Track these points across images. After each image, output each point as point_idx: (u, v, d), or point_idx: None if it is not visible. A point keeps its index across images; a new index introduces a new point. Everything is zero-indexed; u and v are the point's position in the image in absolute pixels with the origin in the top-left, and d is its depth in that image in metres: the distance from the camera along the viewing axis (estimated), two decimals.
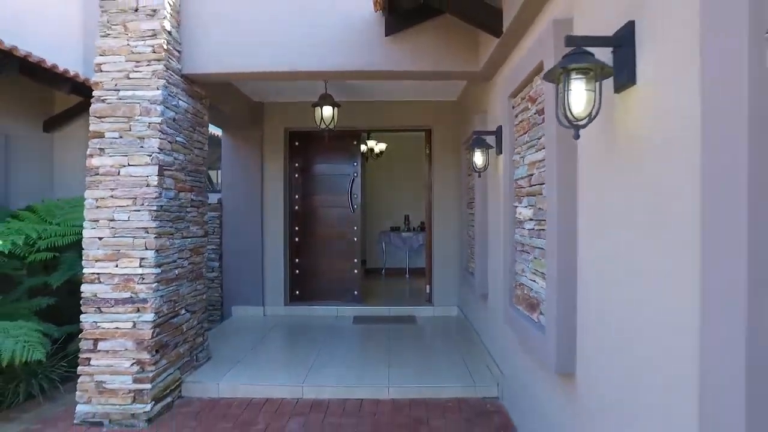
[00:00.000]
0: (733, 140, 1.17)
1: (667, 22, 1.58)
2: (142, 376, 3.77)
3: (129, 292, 3.81)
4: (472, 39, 4.16)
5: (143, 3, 4.01)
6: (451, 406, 4.00)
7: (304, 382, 4.30)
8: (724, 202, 1.20)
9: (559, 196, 2.41)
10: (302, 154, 7.29)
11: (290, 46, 4.24)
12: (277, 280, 6.92)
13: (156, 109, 3.93)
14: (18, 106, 6.18)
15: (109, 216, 3.86)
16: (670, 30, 1.56)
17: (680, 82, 1.49)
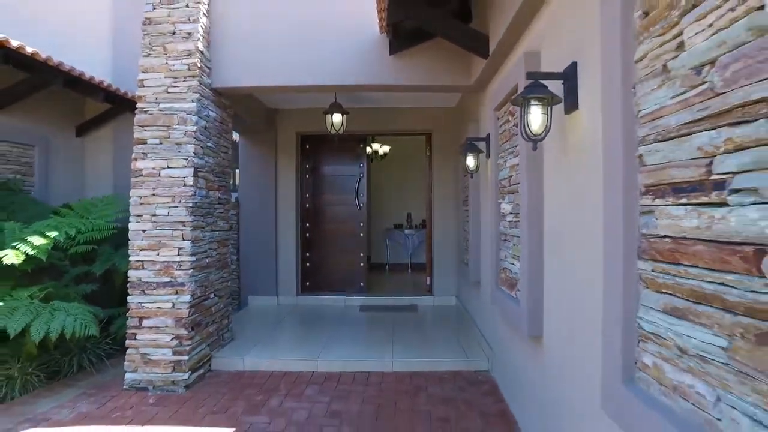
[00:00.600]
0: (615, 151, 1.77)
1: (592, 66, 2.18)
2: (180, 349, 4.39)
3: (169, 277, 4.43)
4: (466, 57, 4.76)
5: (180, 27, 4.63)
6: (446, 377, 4.60)
7: (318, 358, 4.90)
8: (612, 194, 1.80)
9: (529, 192, 3.01)
10: (312, 156, 7.90)
11: (305, 64, 4.85)
12: (289, 272, 7.54)
13: (191, 119, 4.55)
14: (55, 113, 6.81)
15: (151, 211, 4.48)
16: (592, 71, 2.16)
17: (595, 110, 2.09)
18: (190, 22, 4.64)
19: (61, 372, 4.57)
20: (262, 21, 4.92)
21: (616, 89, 1.76)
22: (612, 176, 1.81)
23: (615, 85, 1.77)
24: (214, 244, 5.03)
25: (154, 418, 3.79)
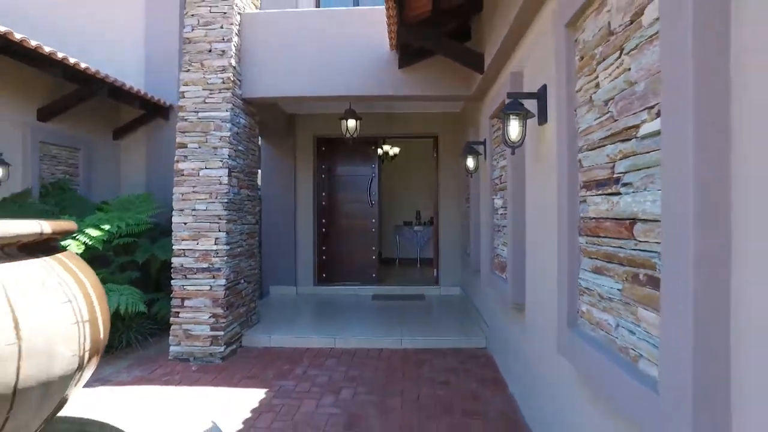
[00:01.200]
0: (563, 156, 2.39)
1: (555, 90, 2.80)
2: (216, 326, 5.06)
3: (207, 263, 5.10)
4: (466, 70, 5.38)
5: (215, 46, 5.30)
6: (449, 353, 5.23)
7: (336, 337, 5.55)
8: (562, 188, 2.43)
9: (513, 189, 3.64)
10: (328, 157, 8.57)
11: (324, 77, 5.50)
12: (307, 264, 8.21)
13: (225, 125, 5.22)
14: (96, 119, 7.54)
15: (192, 206, 5.16)
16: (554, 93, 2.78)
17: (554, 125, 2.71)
18: (224, 41, 5.31)
19: (112, 347, 5.27)
20: (286, 39, 5.58)
21: (564, 111, 2.39)
22: (562, 175, 2.44)
23: (563, 108, 2.40)
24: (244, 235, 5.70)
25: (198, 381, 4.46)
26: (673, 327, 1.41)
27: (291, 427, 3.51)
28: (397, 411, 3.78)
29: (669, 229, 1.45)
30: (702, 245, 1.31)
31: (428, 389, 4.22)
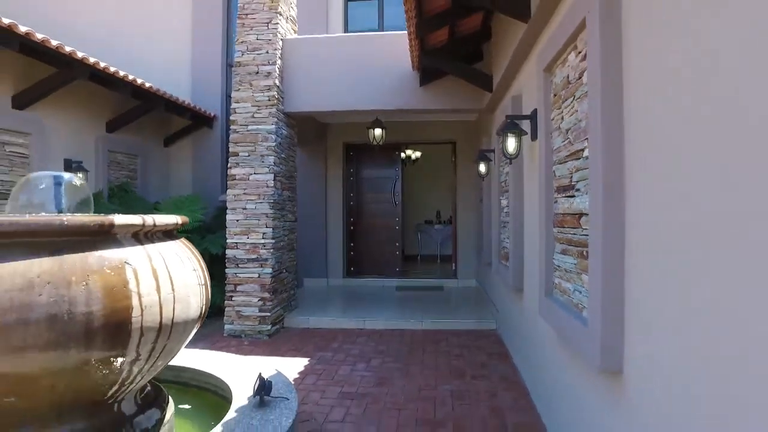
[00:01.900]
0: (543, 167, 3.17)
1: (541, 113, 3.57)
2: (264, 308, 5.94)
3: (256, 255, 5.99)
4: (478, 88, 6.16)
5: (262, 68, 6.19)
6: (463, 333, 6.02)
7: (365, 319, 6.38)
8: (543, 192, 3.20)
9: (514, 191, 4.42)
10: (356, 161, 9.41)
11: (355, 93, 6.34)
12: (336, 259, 9.06)
13: (271, 137, 6.10)
14: (151, 128, 8.51)
15: (243, 206, 6.05)
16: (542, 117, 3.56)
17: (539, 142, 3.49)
18: (269, 64, 6.19)
19: None
20: (321, 61, 6.44)
21: (543, 133, 3.17)
22: (542, 181, 3.22)
23: (542, 131, 3.18)
24: (286, 231, 6.58)
25: (252, 352, 5.34)
26: (593, 283, 2.20)
27: (332, 384, 4.35)
28: (417, 375, 4.59)
29: (592, 219, 2.23)
30: (606, 227, 2.09)
31: (444, 360, 5.02)
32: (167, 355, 2.58)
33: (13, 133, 5.73)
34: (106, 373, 2.23)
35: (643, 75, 1.86)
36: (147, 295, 2.26)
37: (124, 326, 2.17)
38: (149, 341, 2.32)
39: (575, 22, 2.43)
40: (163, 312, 2.34)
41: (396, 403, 3.93)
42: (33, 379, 2.06)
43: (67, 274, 2.07)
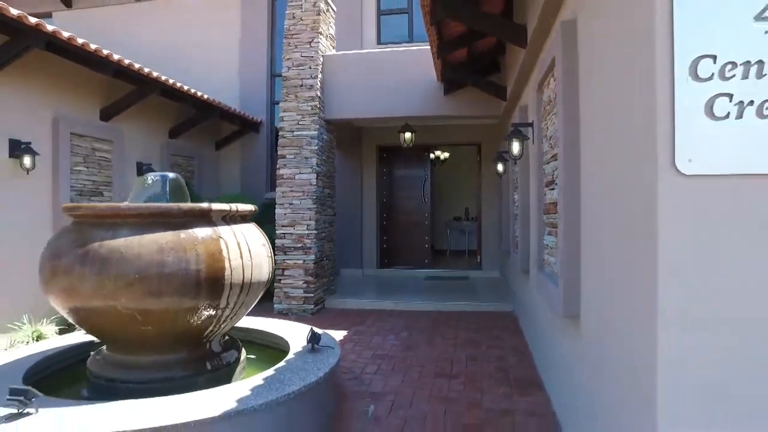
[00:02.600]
0: (536, 166, 3.94)
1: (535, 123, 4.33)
2: (308, 290, 6.85)
3: (301, 244, 6.90)
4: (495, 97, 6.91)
5: (305, 81, 7.10)
6: (483, 314, 6.79)
7: (396, 301, 7.22)
8: (536, 185, 3.97)
9: (521, 187, 5.18)
10: (388, 162, 10.26)
11: (386, 101, 7.19)
12: (371, 251, 9.93)
13: (314, 141, 7.00)
14: (204, 134, 9.56)
15: (289, 201, 6.98)
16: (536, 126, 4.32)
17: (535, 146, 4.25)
18: (311, 78, 7.10)
19: None
20: (357, 73, 7.31)
21: (537, 138, 3.95)
22: (536, 177, 3.99)
23: (536, 137, 3.96)
24: (326, 224, 7.48)
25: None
26: (560, 253, 2.98)
27: (367, 349, 5.22)
28: (439, 344, 5.40)
29: (559, 206, 3.01)
30: (566, 213, 2.87)
31: (464, 333, 5.82)
32: (245, 307, 3.49)
33: (100, 141, 6.82)
34: (205, 316, 3.14)
35: (585, 104, 2.64)
36: (234, 260, 3.16)
37: (219, 282, 3.07)
38: (234, 294, 3.22)
39: (551, 56, 3.21)
40: (244, 273, 3.24)
41: (419, 363, 4.76)
42: (162, 315, 2.98)
43: (183, 243, 2.99)
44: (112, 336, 3.22)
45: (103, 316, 2.99)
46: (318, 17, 7.18)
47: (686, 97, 1.63)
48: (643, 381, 1.79)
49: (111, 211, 3.10)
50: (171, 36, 10.52)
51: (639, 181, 1.81)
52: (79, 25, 10.08)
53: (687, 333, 1.64)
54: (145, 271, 2.86)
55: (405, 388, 4.11)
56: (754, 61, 1.59)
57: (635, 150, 1.85)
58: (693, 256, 1.64)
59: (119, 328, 3.06)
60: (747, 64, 1.59)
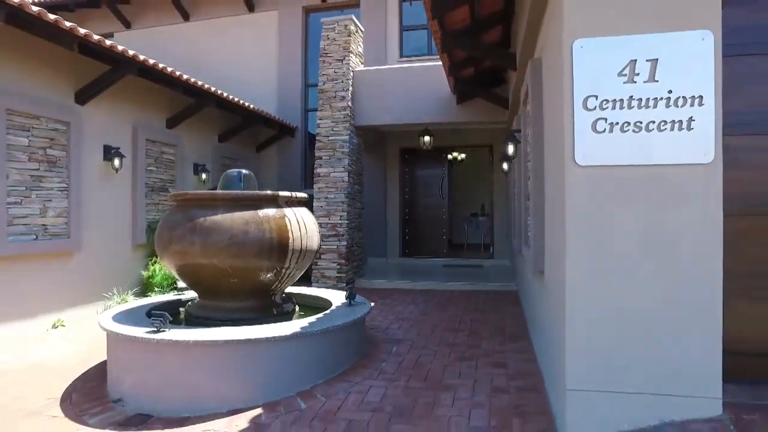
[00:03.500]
0: (521, 166, 5.07)
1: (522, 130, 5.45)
2: (341, 271, 8.05)
3: (334, 232, 8.11)
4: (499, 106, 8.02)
5: (339, 93, 8.32)
6: (490, 292, 7.90)
7: (416, 282, 8.37)
8: (522, 180, 5.09)
9: (515, 180, 6.29)
10: (409, 162, 11.43)
11: (408, 110, 8.36)
12: (394, 242, 11.10)
13: (345, 144, 8.21)
14: (248, 138, 10.86)
15: (325, 196, 8.20)
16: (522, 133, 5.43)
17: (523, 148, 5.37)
18: (343, 90, 8.32)
19: None
20: (382, 86, 8.50)
21: (523, 142, 5.07)
22: (522, 173, 5.12)
23: (523, 141, 5.08)
24: (356, 215, 8.69)
25: None
26: (531, 226, 4.10)
27: (390, 314, 6.39)
28: (450, 311, 6.54)
29: (531, 193, 4.14)
30: (534, 196, 4.00)
31: (472, 305, 6.95)
32: (300, 270, 4.70)
33: (167, 145, 8.15)
34: (274, 273, 4.35)
35: (546, 118, 3.77)
36: (295, 232, 4.37)
37: (285, 248, 4.28)
38: (295, 258, 4.43)
39: (527, 84, 4.34)
40: (302, 242, 4.44)
41: (432, 323, 5.92)
42: (245, 271, 4.21)
43: (260, 219, 4.21)
44: (208, 286, 4.46)
45: (205, 271, 4.23)
46: (349, 38, 8.40)
47: (580, 120, 2.76)
48: (560, 306, 2.93)
49: (210, 196, 4.35)
50: (216, 52, 11.88)
51: (560, 170, 2.94)
52: (137, 43, 11.48)
53: (579, 266, 2.77)
54: (235, 238, 4.09)
55: (420, 338, 5.28)
56: (617, 99, 2.71)
57: (559, 152, 2.99)
58: (585, 216, 2.77)
59: (214, 280, 4.30)
60: (614, 101, 2.72)
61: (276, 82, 11.74)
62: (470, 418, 3.30)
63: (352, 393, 3.78)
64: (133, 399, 3.76)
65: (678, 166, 2.66)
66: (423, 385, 3.93)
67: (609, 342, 2.74)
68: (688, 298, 2.66)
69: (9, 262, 5.51)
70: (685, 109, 2.64)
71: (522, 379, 3.99)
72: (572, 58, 2.78)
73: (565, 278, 2.82)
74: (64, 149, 6.22)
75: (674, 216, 2.67)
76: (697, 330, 2.65)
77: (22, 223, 5.66)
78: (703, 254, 2.65)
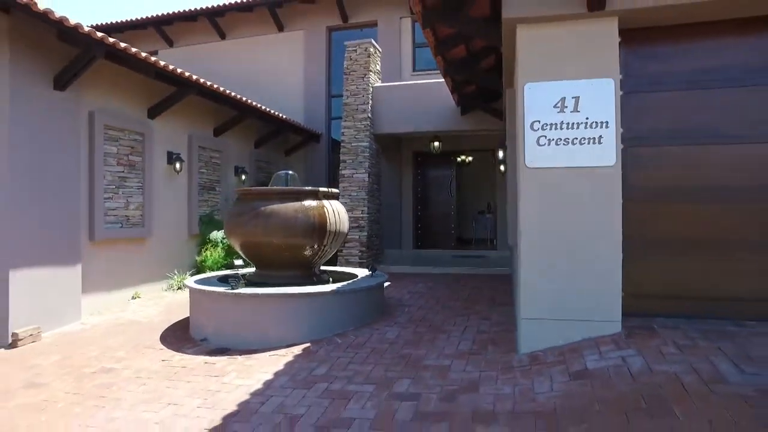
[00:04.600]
0: (512, 167, 6.43)
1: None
2: (362, 257, 9.46)
3: (357, 224, 9.52)
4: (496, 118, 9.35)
5: (360, 106, 9.74)
6: (489, 275, 9.24)
7: (427, 267, 9.74)
8: (513, 179, 6.44)
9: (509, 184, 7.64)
10: (421, 164, 12.81)
11: (418, 119, 9.74)
12: (408, 235, 12.48)
13: (366, 150, 9.63)
14: (278, 144, 12.33)
15: (349, 194, 9.61)
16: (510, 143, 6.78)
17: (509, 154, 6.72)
18: (364, 104, 9.74)
19: None
20: (396, 99, 9.90)
21: (510, 148, 6.44)
22: (511, 174, 6.47)
23: (509, 147, 6.45)
24: (375, 210, 10.09)
25: None
26: (509, 212, 5.46)
27: (404, 289, 7.78)
28: (453, 288, 7.91)
29: (509, 187, 5.50)
30: (510, 188, 5.35)
31: (471, 284, 8.31)
32: (333, 248, 6.11)
33: (213, 151, 9.64)
34: (314, 250, 5.77)
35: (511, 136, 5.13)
36: (331, 218, 5.79)
37: (324, 230, 5.70)
38: (330, 238, 5.84)
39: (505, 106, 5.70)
40: (336, 226, 5.86)
41: (437, 295, 7.29)
42: (294, 248, 5.64)
43: (306, 208, 5.64)
44: (266, 259, 5.89)
45: (264, 248, 5.66)
46: (368, 58, 9.82)
47: (528, 137, 4.13)
48: (519, 263, 4.28)
49: (268, 191, 5.80)
50: (249, 67, 13.37)
51: (518, 170, 4.31)
52: (178, 60, 13.02)
53: (529, 234, 4.13)
54: (287, 222, 5.51)
55: (427, 304, 6.67)
56: (553, 123, 4.07)
57: (519, 157, 4.35)
58: (532, 202, 4.13)
59: (271, 255, 5.73)
60: (551, 124, 4.08)
61: (303, 93, 13.19)
62: (458, 346, 4.69)
63: (374, 333, 5.19)
64: (215, 338, 5.21)
65: (592, 168, 4.02)
66: (426, 329, 5.33)
67: (548, 285, 4.10)
68: (599, 254, 4.01)
69: (104, 245, 7.00)
70: (597, 130, 4.00)
71: (500, 326, 5.35)
72: (524, 95, 4.15)
73: (520, 243, 4.19)
74: (140, 155, 7.71)
75: (589, 198, 4.02)
76: (605, 278, 4.00)
77: (112, 215, 7.16)
78: (608, 225, 4.00)
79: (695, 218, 4.12)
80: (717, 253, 4.08)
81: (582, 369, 3.60)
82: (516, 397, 3.41)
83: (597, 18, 3.99)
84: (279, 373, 4.26)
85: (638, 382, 3.23)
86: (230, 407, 3.66)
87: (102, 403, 3.88)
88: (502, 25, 4.29)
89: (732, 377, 3.09)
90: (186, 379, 4.31)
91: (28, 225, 5.69)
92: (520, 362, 4.04)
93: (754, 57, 4.02)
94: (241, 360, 4.70)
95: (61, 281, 6.15)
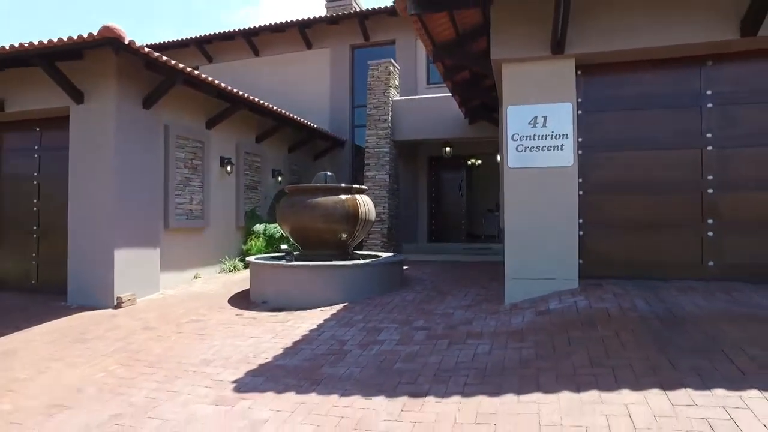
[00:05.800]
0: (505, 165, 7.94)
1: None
2: (383, 247, 10.98)
3: (379, 218, 11.04)
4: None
5: (381, 116, 11.29)
6: (492, 262, 10.69)
7: (439, 256, 11.24)
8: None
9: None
10: (435, 167, 14.32)
11: (431, 128, 11.25)
12: (423, 230, 13.98)
13: (387, 155, 11.17)
14: (307, 150, 13.93)
15: (372, 192, 11.14)
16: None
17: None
18: (385, 114, 11.29)
19: None
20: (413, 110, 11.43)
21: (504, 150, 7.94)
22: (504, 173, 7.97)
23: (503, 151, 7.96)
24: (394, 207, 11.63)
25: None
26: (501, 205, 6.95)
27: (418, 271, 9.29)
28: (461, 270, 9.40)
29: (500, 186, 6.99)
30: (501, 188, 6.85)
31: (476, 268, 9.79)
32: (363, 233, 7.69)
33: (255, 156, 11.26)
34: (348, 234, 7.34)
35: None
36: (361, 208, 7.37)
37: (356, 218, 7.28)
38: (361, 225, 7.41)
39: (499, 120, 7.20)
40: (366, 215, 7.43)
41: (446, 276, 8.80)
42: (333, 232, 7.23)
43: (342, 200, 7.24)
44: (310, 242, 7.44)
45: (310, 232, 7.23)
46: (389, 75, 11.37)
47: (510, 146, 5.63)
48: (505, 239, 5.78)
49: (313, 187, 7.36)
50: (281, 80, 15.01)
51: (504, 170, 5.81)
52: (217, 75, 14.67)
53: (511, 217, 5.63)
54: (327, 211, 7.07)
55: (438, 280, 8.18)
56: (528, 135, 5.57)
57: (504, 161, 5.84)
58: (513, 194, 5.63)
59: (315, 238, 7.29)
60: (526, 136, 5.57)
61: (329, 103, 14.79)
62: (461, 302, 6.21)
63: (396, 297, 6.73)
64: (274, 300, 6.78)
65: (556, 167, 5.51)
66: (437, 294, 6.85)
67: (526, 254, 5.59)
68: (562, 231, 5.49)
69: (174, 233, 8.62)
70: (560, 140, 5.48)
71: (494, 291, 6.86)
72: (507, 114, 5.66)
73: (506, 225, 5.68)
74: (201, 159, 9.34)
75: (553, 189, 5.51)
76: (566, 248, 5.48)
77: (180, 208, 8.78)
78: (569, 210, 5.48)
79: (634, 205, 5.59)
80: (651, 231, 5.54)
81: (545, 309, 5.09)
82: (497, 326, 4.93)
83: (559, 59, 5.48)
84: (327, 320, 5.81)
85: (581, 314, 4.72)
86: (296, 338, 5.22)
87: (201, 338, 5.47)
88: (492, 63, 5.81)
89: (642, 309, 4.57)
90: (258, 325, 5.89)
91: (126, 214, 7.34)
92: (504, 309, 5.55)
93: (676, 86, 5.48)
94: (297, 314, 6.26)
95: (147, 259, 7.78)
